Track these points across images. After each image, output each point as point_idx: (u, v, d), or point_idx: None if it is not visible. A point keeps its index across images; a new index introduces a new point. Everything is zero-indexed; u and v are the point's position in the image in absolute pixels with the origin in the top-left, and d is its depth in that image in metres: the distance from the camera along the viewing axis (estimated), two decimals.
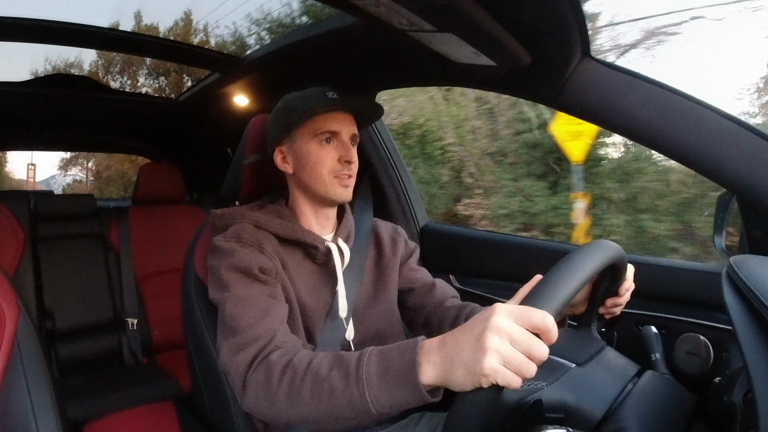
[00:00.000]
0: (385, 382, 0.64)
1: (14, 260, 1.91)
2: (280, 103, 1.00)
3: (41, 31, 1.46)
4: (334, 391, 0.68)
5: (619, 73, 0.96)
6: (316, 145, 0.94)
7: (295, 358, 0.75)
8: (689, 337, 1.03)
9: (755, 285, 0.61)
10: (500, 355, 0.54)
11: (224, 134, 2.39)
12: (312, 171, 0.95)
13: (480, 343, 0.55)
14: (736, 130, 0.87)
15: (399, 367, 0.63)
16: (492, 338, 0.54)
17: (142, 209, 2.27)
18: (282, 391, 0.72)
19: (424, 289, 1.08)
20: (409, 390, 0.62)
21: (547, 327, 0.54)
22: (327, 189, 0.95)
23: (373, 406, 0.65)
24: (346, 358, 0.70)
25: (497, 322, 0.55)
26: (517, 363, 0.53)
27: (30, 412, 0.76)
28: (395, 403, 0.64)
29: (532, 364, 0.54)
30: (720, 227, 1.00)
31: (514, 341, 0.54)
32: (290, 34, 1.45)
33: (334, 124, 0.94)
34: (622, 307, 0.86)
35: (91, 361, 1.95)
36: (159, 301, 2.13)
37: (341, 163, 0.94)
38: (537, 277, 0.65)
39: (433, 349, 0.62)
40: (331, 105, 0.93)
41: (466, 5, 0.74)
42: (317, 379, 0.70)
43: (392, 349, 0.67)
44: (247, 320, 0.82)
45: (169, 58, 1.78)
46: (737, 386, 0.67)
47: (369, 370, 0.66)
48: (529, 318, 0.55)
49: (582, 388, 0.70)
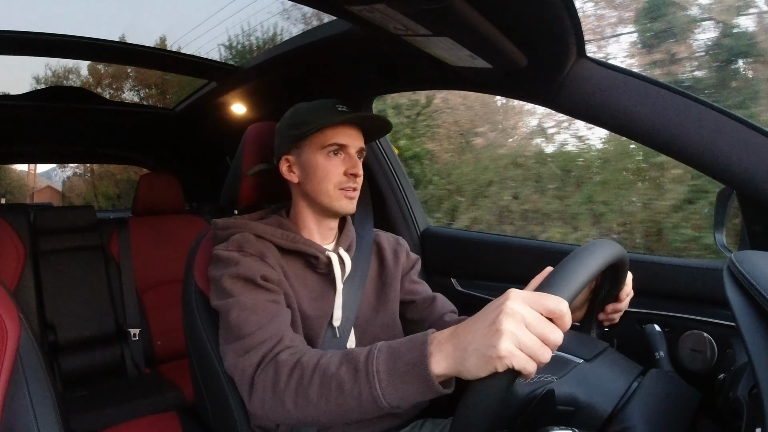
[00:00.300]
0: (395, 376, 0.64)
1: (15, 274, 1.90)
2: (289, 113, 1.00)
3: (38, 44, 1.47)
4: (343, 388, 0.67)
5: (616, 73, 0.97)
6: (323, 157, 0.95)
7: (304, 357, 0.75)
8: (693, 335, 1.03)
9: (757, 280, 0.61)
10: (515, 337, 0.53)
11: (222, 142, 2.40)
12: (318, 183, 0.95)
13: (494, 326, 0.55)
14: (734, 126, 0.88)
15: (409, 359, 0.63)
16: (507, 321, 0.54)
17: (142, 220, 2.27)
18: (290, 389, 0.72)
19: (425, 303, 1.08)
20: (421, 382, 0.62)
21: (561, 311, 0.54)
22: (332, 201, 0.95)
23: (384, 400, 0.64)
24: (355, 354, 0.70)
25: (512, 306, 0.55)
26: (532, 347, 0.53)
27: (34, 427, 0.75)
28: (406, 396, 0.64)
29: (547, 349, 0.54)
30: (720, 223, 1.00)
31: (528, 325, 0.54)
32: (287, 42, 1.46)
33: (342, 137, 0.95)
34: (621, 314, 0.86)
35: (94, 374, 1.95)
36: (161, 312, 2.12)
37: (347, 176, 0.95)
38: (548, 269, 0.65)
39: (444, 340, 0.62)
40: (342, 119, 0.93)
41: (461, 9, 0.75)
42: (326, 376, 0.69)
43: (402, 342, 0.66)
44: (253, 324, 0.82)
45: (167, 68, 1.78)
46: (742, 382, 0.67)
47: (378, 364, 0.65)
48: (543, 302, 0.55)
49: (591, 383, 0.70)
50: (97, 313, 2.04)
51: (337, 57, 1.37)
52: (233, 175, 1.11)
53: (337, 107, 0.95)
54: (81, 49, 1.56)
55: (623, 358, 0.79)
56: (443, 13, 0.73)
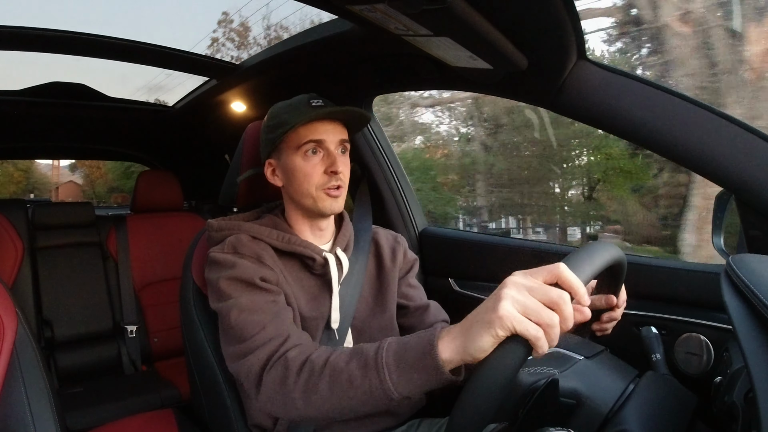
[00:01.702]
0: (404, 367, 0.64)
1: (13, 270, 1.90)
2: (268, 114, 0.99)
3: (36, 40, 1.47)
4: (353, 382, 0.68)
5: (616, 75, 0.97)
6: (300, 158, 0.92)
7: (314, 354, 0.75)
8: (689, 338, 1.03)
9: (754, 284, 0.61)
10: (516, 301, 0.54)
11: (221, 141, 2.39)
12: (299, 186, 0.93)
13: (497, 295, 0.56)
14: (734, 130, 0.88)
15: (418, 349, 0.63)
16: (508, 288, 0.55)
17: (141, 217, 2.26)
18: (299, 387, 0.72)
19: (417, 310, 1.07)
20: (430, 369, 0.62)
21: (560, 271, 0.54)
22: (316, 203, 0.93)
23: (395, 391, 0.65)
24: (364, 349, 0.70)
25: (512, 279, 0.56)
26: (535, 309, 0.53)
27: (30, 423, 0.75)
28: (416, 385, 0.64)
29: (552, 313, 0.53)
30: (718, 227, 1.00)
31: (531, 290, 0.54)
32: (287, 41, 1.46)
33: (317, 133, 0.92)
34: (614, 323, 0.85)
35: (91, 370, 1.94)
36: (158, 309, 2.12)
37: (328, 174, 0.92)
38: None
39: (452, 328, 0.62)
40: (313, 116, 0.90)
41: (462, 9, 0.75)
42: (335, 372, 0.70)
43: (411, 336, 0.67)
44: (255, 325, 0.81)
45: (167, 65, 1.77)
46: (738, 386, 0.67)
47: (388, 356, 0.66)
48: (541, 270, 0.55)
49: (592, 378, 0.71)
50: (94, 309, 2.04)
51: (338, 56, 1.37)
52: (232, 173, 1.10)
53: (312, 102, 0.92)
54: (80, 45, 1.55)
55: (619, 361, 0.80)
56: (444, 13, 0.73)
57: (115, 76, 24.77)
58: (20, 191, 18.07)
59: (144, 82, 21.01)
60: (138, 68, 2.02)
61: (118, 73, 31.19)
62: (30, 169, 18.06)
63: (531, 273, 0.56)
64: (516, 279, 0.56)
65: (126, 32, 12.36)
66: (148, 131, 2.56)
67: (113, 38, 1.52)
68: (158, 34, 29.86)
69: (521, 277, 0.56)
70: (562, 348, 0.75)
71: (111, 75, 22.22)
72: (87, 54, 1.62)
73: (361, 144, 1.61)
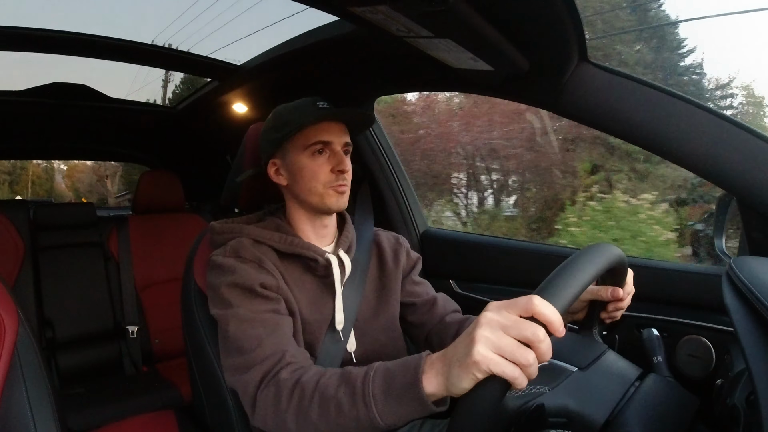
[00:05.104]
0: (390, 398, 0.65)
1: (14, 270, 1.90)
2: (270, 116, 0.99)
3: (37, 40, 1.47)
4: (341, 410, 0.68)
5: (618, 77, 0.97)
6: (308, 157, 0.94)
7: (304, 377, 0.75)
8: (691, 340, 1.03)
9: (756, 286, 0.61)
10: (491, 342, 0.53)
11: (223, 142, 2.40)
12: (306, 184, 0.94)
13: (470, 336, 0.55)
14: (735, 132, 0.88)
15: (403, 383, 0.64)
16: (481, 328, 0.55)
17: (142, 218, 2.26)
18: (291, 410, 0.73)
19: (426, 306, 1.07)
20: (415, 402, 0.63)
21: (533, 306, 0.53)
22: (323, 200, 0.94)
23: (381, 422, 0.66)
24: (353, 376, 0.71)
25: (487, 315, 0.56)
26: (510, 349, 0.53)
27: (30, 423, 0.75)
28: (401, 416, 0.65)
29: (526, 350, 0.53)
30: (720, 229, 1.00)
31: (505, 328, 0.54)
32: (289, 42, 1.46)
33: (325, 134, 0.93)
34: (623, 311, 0.86)
35: (92, 371, 1.94)
36: (159, 310, 2.12)
37: (335, 173, 0.94)
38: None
39: (436, 359, 0.63)
40: (321, 116, 0.92)
41: (463, 11, 0.75)
42: (325, 398, 0.70)
43: (398, 364, 0.68)
44: (253, 340, 0.82)
45: (169, 66, 1.78)
46: (740, 388, 0.67)
47: (374, 387, 0.67)
48: (515, 304, 0.55)
49: (584, 393, 0.69)
50: (95, 310, 2.04)
51: (339, 58, 1.37)
52: (234, 174, 1.10)
53: (318, 104, 0.93)
54: (80, 46, 1.56)
55: (621, 361, 0.79)
56: (445, 15, 0.73)
57: (116, 77, 24.81)
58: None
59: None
60: (138, 68, 2.02)
61: (118, 73, 31.18)
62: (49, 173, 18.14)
63: (506, 306, 0.56)
64: (490, 316, 0.55)
65: (126, 32, 12.36)
66: (150, 132, 2.56)
67: (113, 38, 1.53)
68: (158, 35, 29.86)
69: (495, 313, 0.56)
70: (556, 359, 0.73)
71: (111, 75, 22.25)
72: (87, 54, 1.62)
73: (363, 145, 1.61)
